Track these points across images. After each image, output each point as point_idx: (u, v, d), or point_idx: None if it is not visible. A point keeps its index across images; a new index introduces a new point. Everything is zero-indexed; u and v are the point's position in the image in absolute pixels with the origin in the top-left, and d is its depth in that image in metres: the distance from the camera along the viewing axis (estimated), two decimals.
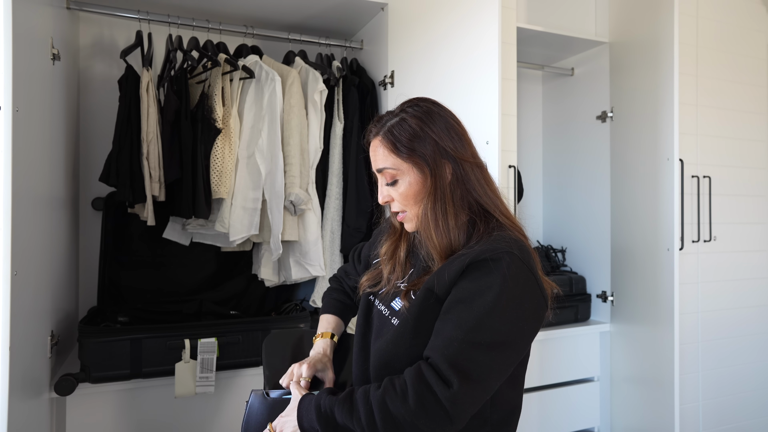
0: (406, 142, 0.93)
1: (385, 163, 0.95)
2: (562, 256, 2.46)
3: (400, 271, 1.01)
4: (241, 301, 2.05)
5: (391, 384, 0.83)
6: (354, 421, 0.82)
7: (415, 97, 1.00)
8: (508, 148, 1.89)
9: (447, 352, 0.80)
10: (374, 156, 0.97)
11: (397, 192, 0.95)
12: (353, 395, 0.85)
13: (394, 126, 0.94)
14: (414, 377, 0.81)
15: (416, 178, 0.93)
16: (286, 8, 2.02)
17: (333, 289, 1.28)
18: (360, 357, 1.00)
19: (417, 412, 0.78)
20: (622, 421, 2.15)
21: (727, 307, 2.22)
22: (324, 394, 0.89)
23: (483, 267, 0.83)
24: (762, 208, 2.33)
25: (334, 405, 0.85)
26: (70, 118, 1.78)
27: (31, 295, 1.24)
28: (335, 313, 1.21)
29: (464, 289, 0.84)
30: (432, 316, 0.87)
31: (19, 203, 1.11)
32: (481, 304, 0.81)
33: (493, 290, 0.81)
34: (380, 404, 0.81)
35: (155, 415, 1.65)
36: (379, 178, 0.98)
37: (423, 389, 0.79)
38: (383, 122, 0.97)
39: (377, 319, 0.99)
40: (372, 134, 0.98)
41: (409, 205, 0.95)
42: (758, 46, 2.33)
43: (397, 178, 0.94)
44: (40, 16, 1.36)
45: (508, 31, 1.93)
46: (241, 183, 1.81)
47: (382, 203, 0.99)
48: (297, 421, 0.90)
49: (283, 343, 1.21)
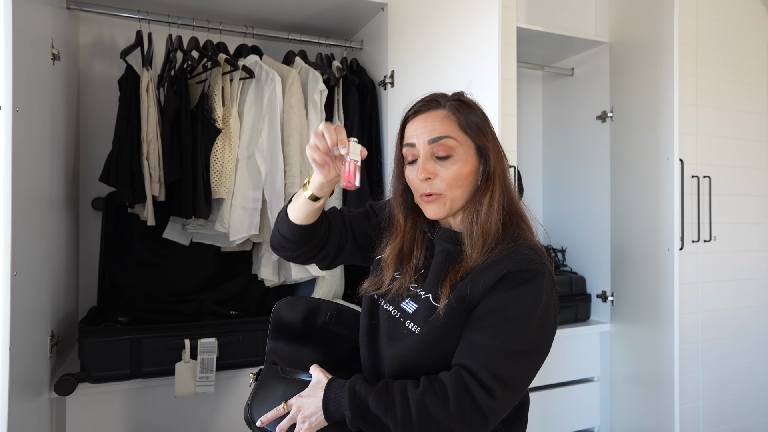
0: (476, 121, 0.94)
1: (448, 133, 0.92)
2: (562, 256, 2.46)
3: (411, 272, 0.98)
4: (241, 301, 2.05)
5: (431, 385, 0.84)
6: (388, 414, 0.82)
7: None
8: (508, 148, 1.89)
9: (487, 362, 0.82)
10: (430, 126, 0.93)
11: (446, 169, 0.92)
12: (389, 388, 0.85)
13: (462, 104, 0.95)
14: (454, 383, 0.83)
15: (472, 160, 0.93)
16: (286, 8, 2.02)
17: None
18: (369, 359, 0.98)
19: (455, 416, 0.80)
20: (622, 421, 2.15)
21: (727, 307, 2.22)
22: (360, 380, 0.87)
23: (517, 278, 0.86)
24: (762, 208, 2.33)
25: (369, 394, 0.84)
26: (70, 118, 1.78)
27: (31, 295, 1.24)
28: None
29: (499, 299, 0.86)
30: (460, 323, 0.88)
31: (19, 203, 1.11)
32: (517, 314, 0.84)
33: (528, 301, 0.84)
34: (419, 403, 0.82)
35: (155, 415, 1.65)
36: (423, 152, 0.93)
37: (464, 396, 0.81)
38: (446, 99, 0.95)
39: (386, 320, 0.97)
40: (430, 107, 0.95)
41: (452, 187, 0.92)
42: (758, 46, 2.33)
43: (454, 153, 0.92)
44: (40, 16, 1.36)
45: (508, 31, 1.93)
46: (241, 183, 1.81)
47: (422, 179, 0.92)
48: (322, 402, 0.87)
49: (294, 318, 1.10)
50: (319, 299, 1.15)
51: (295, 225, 0.99)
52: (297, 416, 0.89)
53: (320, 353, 1.08)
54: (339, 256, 1.09)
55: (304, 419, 0.88)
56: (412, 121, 0.96)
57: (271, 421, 0.91)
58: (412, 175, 0.96)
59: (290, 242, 1.02)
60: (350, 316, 1.14)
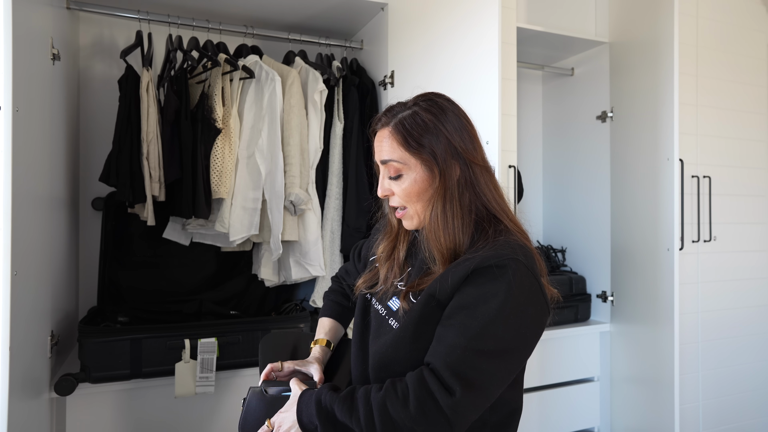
0: (417, 136, 0.89)
1: (391, 156, 0.91)
2: (562, 256, 2.46)
3: (397, 270, 0.99)
4: (241, 301, 2.05)
5: (393, 387, 0.82)
6: (353, 420, 0.81)
7: (430, 92, 0.96)
8: (508, 148, 1.89)
9: (449, 360, 0.79)
10: (380, 147, 0.93)
11: (399, 187, 0.92)
12: (354, 394, 0.85)
13: (406, 118, 0.91)
14: (416, 383, 0.80)
15: (422, 175, 0.90)
16: (286, 8, 2.02)
17: (332, 290, 1.26)
18: (359, 357, 0.99)
19: (417, 418, 0.78)
20: (622, 421, 2.15)
21: (727, 307, 2.22)
22: (325, 389, 0.88)
23: (488, 273, 0.82)
24: (762, 208, 2.33)
25: (335, 402, 0.84)
26: (70, 118, 1.78)
27: (31, 295, 1.24)
28: (333, 316, 1.19)
29: (468, 296, 0.82)
30: (433, 320, 0.86)
31: (19, 203, 1.11)
32: (485, 312, 0.80)
33: (497, 297, 0.80)
34: (380, 407, 0.80)
35: (155, 415, 1.65)
36: (381, 170, 0.95)
37: (425, 395, 0.79)
38: (394, 113, 0.93)
39: (375, 318, 0.98)
40: (380, 124, 0.95)
41: (410, 202, 0.93)
42: (758, 46, 2.33)
43: (402, 172, 0.91)
44: (40, 16, 1.36)
45: (508, 31, 1.93)
46: (241, 183, 1.81)
47: (381, 196, 0.96)
48: (296, 416, 0.88)
49: (280, 344, 1.19)
50: (299, 333, 1.31)
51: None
52: None
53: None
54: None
55: None
56: (374, 138, 0.97)
57: None
58: None
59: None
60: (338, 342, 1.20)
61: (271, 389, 1.01)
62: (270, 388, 1.01)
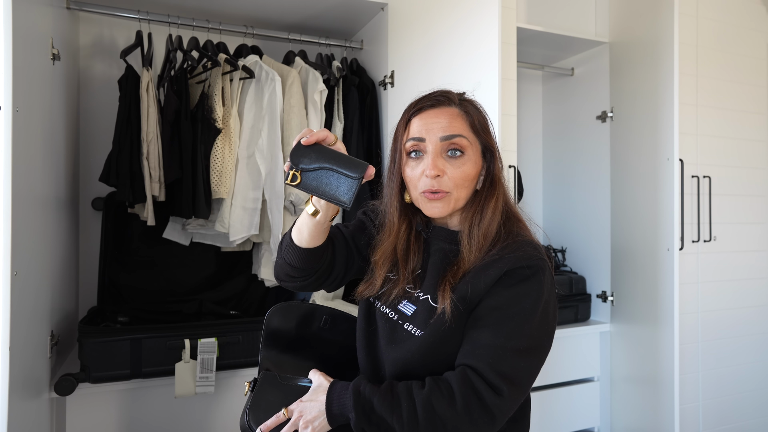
0: (481, 124, 0.94)
1: (460, 131, 0.91)
2: (562, 256, 2.46)
3: (406, 273, 0.96)
4: (241, 301, 2.05)
5: (437, 385, 0.83)
6: (394, 414, 0.81)
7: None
8: (508, 148, 1.89)
9: (492, 361, 0.82)
10: (439, 123, 0.91)
11: (456, 168, 0.91)
12: (394, 389, 0.84)
13: (473, 104, 0.96)
14: (461, 383, 0.82)
15: (478, 161, 0.94)
16: (286, 8, 2.02)
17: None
18: (368, 363, 0.97)
19: (463, 416, 0.80)
20: (622, 421, 2.15)
21: (727, 307, 2.22)
22: (363, 381, 0.86)
23: (519, 275, 0.86)
24: (762, 208, 2.33)
25: (374, 394, 0.83)
26: (70, 118, 1.78)
27: (31, 295, 1.24)
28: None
29: (500, 297, 0.86)
30: (461, 323, 0.88)
31: (19, 203, 1.11)
32: (519, 312, 0.84)
33: (530, 297, 0.85)
34: (425, 404, 0.81)
35: (155, 415, 1.65)
36: (433, 149, 0.90)
37: (471, 395, 0.81)
38: (450, 97, 0.95)
39: (384, 323, 0.96)
40: (438, 103, 0.94)
41: (459, 187, 0.91)
42: (758, 46, 2.33)
43: (465, 153, 0.92)
44: (40, 16, 1.36)
45: (508, 31, 1.93)
46: (241, 183, 1.81)
47: (432, 176, 0.89)
48: (325, 405, 0.86)
49: (287, 325, 1.09)
50: (312, 305, 1.14)
51: (301, 249, 0.93)
52: (299, 421, 0.88)
53: (314, 359, 1.07)
54: (348, 274, 1.05)
55: (307, 424, 0.87)
56: (421, 116, 0.93)
57: (271, 428, 0.89)
58: (414, 171, 0.93)
59: (298, 270, 0.97)
60: (345, 321, 1.13)
61: (286, 376, 0.97)
62: (285, 375, 0.97)
